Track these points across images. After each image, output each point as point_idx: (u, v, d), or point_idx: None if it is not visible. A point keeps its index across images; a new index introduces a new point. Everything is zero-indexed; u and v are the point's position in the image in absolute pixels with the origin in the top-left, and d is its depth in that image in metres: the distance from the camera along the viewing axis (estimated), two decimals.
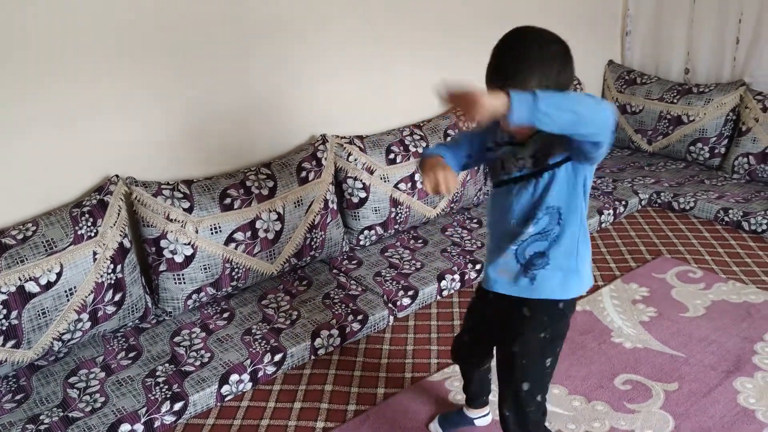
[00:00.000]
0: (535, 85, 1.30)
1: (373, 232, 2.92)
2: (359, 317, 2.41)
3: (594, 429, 1.98)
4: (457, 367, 2.24)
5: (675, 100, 3.85)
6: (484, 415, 2.01)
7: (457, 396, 2.13)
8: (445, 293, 2.67)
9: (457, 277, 2.70)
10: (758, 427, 1.95)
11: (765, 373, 2.18)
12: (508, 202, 1.50)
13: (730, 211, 3.23)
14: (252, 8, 2.58)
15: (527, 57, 1.32)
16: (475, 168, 3.23)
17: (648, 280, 2.78)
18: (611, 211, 3.29)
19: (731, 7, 3.74)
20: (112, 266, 2.23)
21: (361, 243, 2.93)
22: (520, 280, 1.52)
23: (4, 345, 2.03)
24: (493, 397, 2.01)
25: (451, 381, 2.19)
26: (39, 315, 2.07)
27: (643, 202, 3.50)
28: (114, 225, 2.26)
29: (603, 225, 3.27)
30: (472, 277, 2.74)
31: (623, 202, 3.37)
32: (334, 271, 2.74)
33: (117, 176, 2.37)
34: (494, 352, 1.76)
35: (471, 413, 2.00)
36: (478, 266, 2.76)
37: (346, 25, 2.89)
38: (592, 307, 2.59)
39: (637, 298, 2.65)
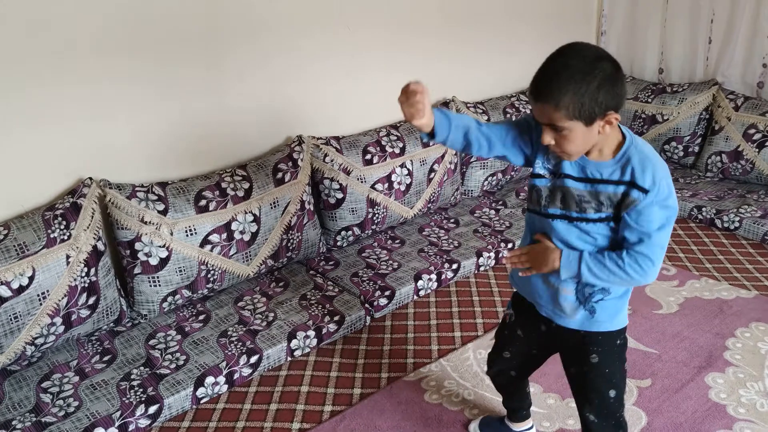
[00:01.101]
0: (568, 101, 1.29)
1: (350, 232, 2.92)
2: (336, 318, 2.41)
3: (568, 426, 2.00)
4: (433, 366, 2.27)
5: (649, 100, 3.90)
6: (527, 429, 1.95)
7: (433, 395, 2.14)
8: (422, 293, 2.68)
9: (434, 276, 2.71)
10: (729, 422, 1.98)
11: (736, 369, 2.22)
12: (569, 236, 1.46)
13: (704, 208, 3.28)
14: (227, 11, 2.57)
15: (563, 73, 1.29)
16: (452, 168, 3.24)
17: None
18: None
19: (703, 8, 3.79)
20: (85, 269, 2.21)
21: (339, 244, 2.93)
22: (578, 313, 1.52)
23: None
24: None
25: (427, 381, 2.20)
26: (11, 319, 2.05)
27: None
28: (88, 228, 2.24)
29: None
30: (449, 277, 2.76)
31: None
32: (311, 272, 2.74)
33: (90, 179, 2.35)
34: (538, 365, 1.78)
35: (514, 426, 1.95)
36: (454, 266, 2.77)
37: (322, 28, 2.89)
38: None
39: None
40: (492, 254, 2.90)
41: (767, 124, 3.44)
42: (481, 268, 2.88)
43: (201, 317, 2.44)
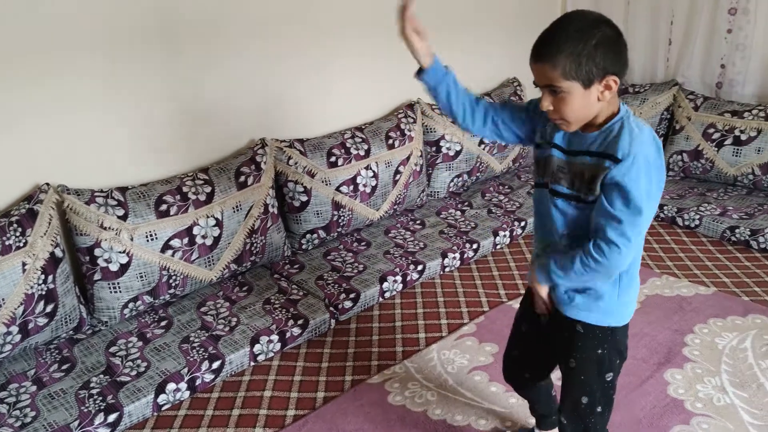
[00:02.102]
0: (564, 60, 1.28)
1: (315, 235, 2.91)
2: (300, 322, 2.40)
3: (530, 425, 2.01)
4: (397, 368, 2.27)
5: None
6: None
7: (397, 397, 2.14)
8: (387, 295, 2.69)
9: (399, 278, 2.71)
10: (686, 417, 2.02)
11: (694, 364, 2.26)
12: (551, 211, 1.47)
13: (665, 207, 3.33)
14: (187, 12, 2.55)
15: (561, 34, 1.30)
16: (418, 169, 3.25)
17: None
18: None
19: (662, 10, 3.86)
20: (42, 277, 2.17)
21: (304, 247, 2.92)
22: (561, 296, 1.51)
23: None
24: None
25: (391, 383, 2.20)
26: None
27: None
28: (44, 234, 2.20)
29: None
30: (414, 278, 2.76)
31: None
32: (276, 275, 2.73)
33: (47, 184, 2.31)
34: (551, 365, 1.74)
35: None
36: (419, 267, 2.78)
37: (286, 29, 2.88)
38: None
39: None
40: (457, 255, 2.91)
41: (726, 124, 3.51)
42: (447, 269, 2.89)
43: (163, 323, 2.41)
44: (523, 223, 3.20)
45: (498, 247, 3.09)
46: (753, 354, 2.30)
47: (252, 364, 2.29)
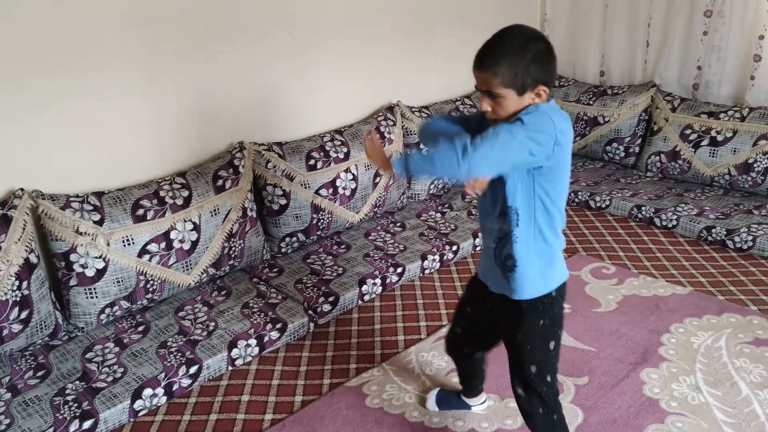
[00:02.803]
0: (504, 71, 1.45)
1: (294, 239, 2.91)
2: (278, 326, 2.40)
3: (506, 426, 2.02)
4: (375, 371, 2.27)
5: (591, 102, 3.98)
6: (481, 403, 2.08)
7: (374, 400, 2.14)
8: (366, 298, 2.69)
9: (378, 281, 2.72)
10: (661, 416, 2.03)
11: (669, 364, 2.28)
12: (490, 198, 1.60)
13: (643, 207, 3.36)
14: (165, 17, 2.54)
15: (502, 46, 1.47)
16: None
17: None
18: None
19: (640, 12, 3.90)
20: (17, 283, 2.16)
21: (283, 250, 2.91)
22: (500, 280, 1.63)
23: None
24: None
25: (369, 386, 2.20)
26: None
27: None
28: (19, 240, 2.19)
29: None
30: (393, 281, 2.77)
31: None
32: (255, 279, 2.72)
33: (22, 189, 2.29)
34: (488, 343, 1.86)
35: (469, 401, 2.07)
36: (399, 269, 2.78)
37: (266, 33, 2.88)
38: None
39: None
40: (437, 257, 2.92)
41: (702, 125, 3.54)
42: (426, 271, 2.90)
43: (140, 328, 2.40)
44: None
45: (478, 248, 3.11)
46: (727, 353, 2.32)
47: (230, 368, 2.29)
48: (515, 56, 1.45)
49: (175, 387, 2.15)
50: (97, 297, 2.35)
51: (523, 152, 1.44)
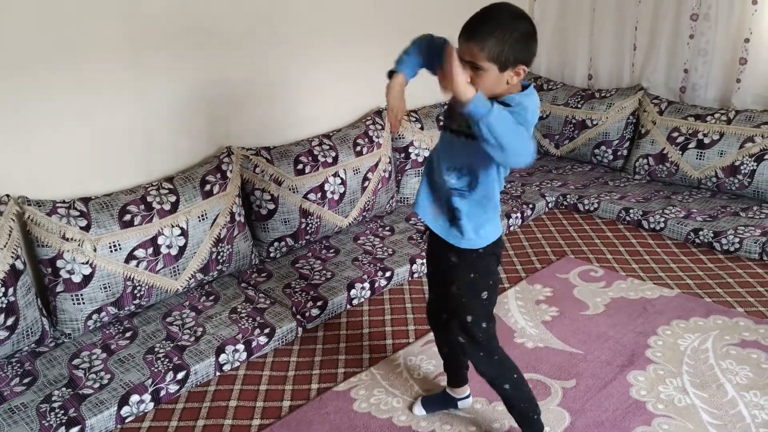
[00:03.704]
0: (491, 45, 1.50)
1: (283, 243, 2.91)
2: (266, 331, 2.39)
3: (494, 429, 2.03)
4: (363, 375, 2.27)
5: (579, 105, 4.00)
6: (465, 397, 2.11)
7: (362, 404, 2.14)
8: (355, 302, 2.69)
9: (367, 285, 2.72)
10: (648, 418, 2.04)
11: (656, 366, 2.29)
12: (448, 149, 1.71)
13: (631, 210, 3.37)
14: (153, 22, 2.54)
15: (491, 21, 1.52)
16: (387, 176, 3.26)
17: (552, 280, 2.87)
18: (519, 215, 3.38)
19: (627, 15, 3.92)
20: (3, 289, 2.14)
21: (272, 255, 2.91)
22: (449, 228, 1.74)
23: None
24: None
25: (357, 390, 2.20)
26: None
27: (550, 205, 3.62)
28: (5, 246, 2.18)
29: (511, 228, 3.36)
30: (382, 285, 2.77)
31: (530, 206, 3.47)
32: (243, 284, 2.72)
33: (8, 196, 2.28)
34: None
35: (453, 393, 2.10)
36: (387, 273, 2.79)
37: (252, 36, 2.88)
38: (496, 309, 2.64)
39: (541, 299, 2.73)
40: (426, 261, 2.92)
41: (689, 128, 3.57)
42: (415, 275, 2.90)
43: (128, 334, 2.39)
44: None
45: None
46: (714, 355, 2.33)
47: (217, 374, 2.28)
48: (504, 32, 1.50)
49: (163, 393, 2.15)
50: (84, 303, 2.34)
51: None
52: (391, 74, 1.79)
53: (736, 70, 3.57)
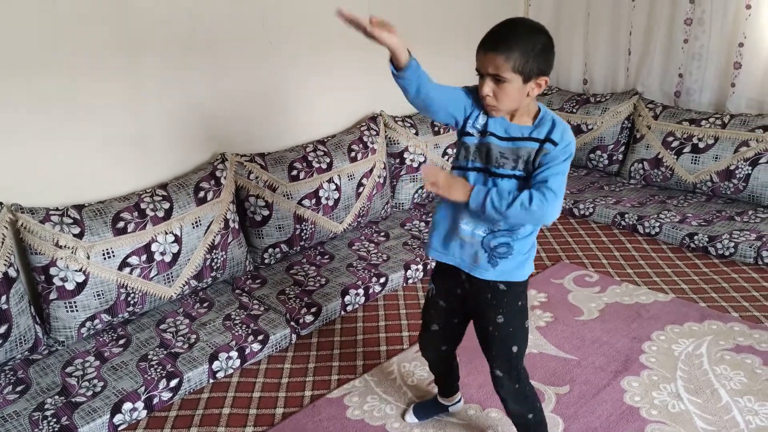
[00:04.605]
0: (516, 56, 1.52)
1: (277, 249, 2.91)
2: (260, 338, 2.39)
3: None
4: (356, 382, 2.27)
5: (574, 110, 4.00)
6: (457, 402, 2.12)
7: (355, 411, 2.14)
8: (349, 308, 2.69)
9: (361, 291, 2.71)
10: (641, 424, 2.04)
11: (650, 371, 2.28)
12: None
13: (626, 215, 3.38)
14: (146, 29, 2.54)
15: (514, 33, 1.54)
16: (381, 182, 3.26)
17: (546, 285, 2.87)
18: None
19: (622, 21, 3.93)
20: None
21: (266, 261, 2.91)
22: (485, 265, 1.69)
23: None
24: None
25: (350, 397, 2.20)
26: None
27: None
28: None
29: None
30: (376, 291, 2.77)
31: None
32: (237, 291, 2.72)
33: (1, 203, 2.28)
34: (461, 335, 1.93)
35: (446, 401, 2.11)
36: (382, 279, 2.78)
37: (246, 42, 2.88)
38: None
39: (536, 304, 2.73)
40: (420, 266, 2.92)
41: (684, 132, 3.57)
42: (410, 281, 2.90)
43: (121, 341, 2.39)
44: None
45: None
46: (708, 360, 2.33)
47: (211, 381, 2.28)
48: (527, 44, 1.52)
49: (156, 400, 2.14)
50: (77, 310, 2.33)
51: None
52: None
53: (731, 74, 3.58)
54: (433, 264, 1.90)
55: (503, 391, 1.81)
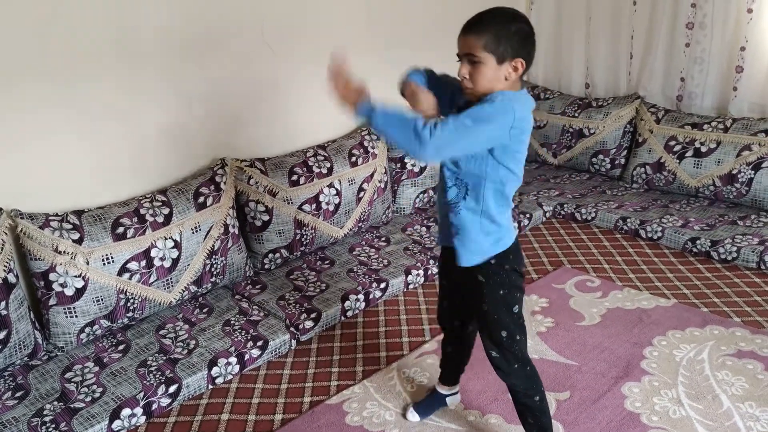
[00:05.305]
0: (489, 36, 1.56)
1: (278, 255, 2.90)
2: (259, 343, 2.38)
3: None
4: (356, 388, 2.26)
5: (576, 114, 3.99)
6: (454, 393, 2.16)
7: (354, 417, 2.13)
8: (349, 314, 2.68)
9: (361, 297, 2.71)
10: (642, 430, 2.03)
11: (651, 377, 2.27)
12: (444, 175, 1.73)
13: (628, 219, 3.36)
14: (144, 33, 2.55)
15: (489, 16, 1.60)
16: (382, 186, 3.26)
17: (548, 291, 2.86)
18: (516, 225, 3.37)
19: (623, 24, 3.92)
20: None
21: (266, 266, 2.91)
22: (460, 251, 1.73)
23: None
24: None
25: (349, 403, 2.19)
26: None
27: (547, 214, 3.61)
28: None
29: None
30: (376, 296, 2.76)
31: (528, 215, 3.46)
32: (237, 296, 2.71)
33: (0, 209, 2.28)
34: (467, 309, 1.95)
35: (444, 390, 2.14)
36: (382, 285, 2.78)
37: (245, 47, 2.88)
38: None
39: (537, 309, 2.72)
40: (421, 272, 2.92)
41: (686, 136, 3.56)
42: (410, 286, 2.89)
43: (121, 347, 2.39)
44: None
45: None
46: (709, 365, 2.32)
47: (210, 387, 2.27)
48: (501, 26, 1.57)
49: (154, 406, 2.14)
50: (76, 316, 2.33)
51: (480, 139, 1.58)
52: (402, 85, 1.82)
53: (733, 78, 3.56)
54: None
55: (502, 372, 1.85)
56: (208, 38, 2.75)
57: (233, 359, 2.31)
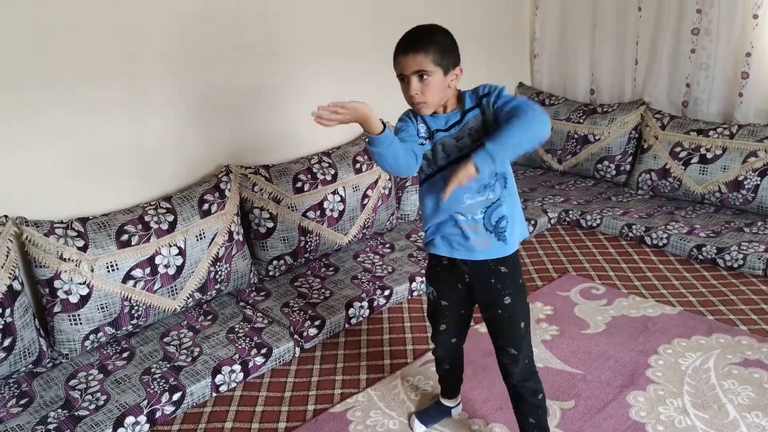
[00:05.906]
0: (434, 50, 1.65)
1: (282, 262, 2.90)
2: (263, 351, 2.38)
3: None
4: (360, 396, 2.26)
5: (581, 120, 3.99)
6: (458, 404, 2.17)
7: (358, 426, 2.12)
8: (353, 321, 2.67)
9: (365, 304, 2.70)
10: None
11: (657, 386, 2.26)
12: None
13: (634, 226, 3.35)
14: (146, 41, 2.55)
15: (428, 33, 1.69)
16: (387, 193, 3.26)
17: (552, 298, 2.85)
18: None
19: (629, 30, 3.92)
20: (0, 310, 2.15)
21: (270, 273, 2.91)
22: (494, 244, 1.77)
23: None
24: None
25: (353, 411, 2.19)
26: None
27: (552, 221, 3.60)
28: (2, 267, 2.19)
29: None
30: (380, 304, 2.76)
31: (533, 222, 3.45)
32: (241, 303, 2.71)
33: (6, 216, 2.29)
34: (468, 325, 2.02)
35: (448, 402, 2.15)
36: (386, 292, 2.77)
37: (250, 54, 2.89)
38: None
39: (541, 317, 2.71)
40: (425, 278, 2.90)
41: (692, 143, 3.54)
42: (414, 293, 2.89)
43: (125, 354, 2.39)
44: None
45: None
46: (715, 374, 2.30)
47: (214, 394, 2.27)
48: (439, 41, 1.68)
49: (158, 414, 2.14)
50: (81, 323, 2.34)
51: None
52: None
53: (738, 84, 3.55)
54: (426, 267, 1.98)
55: (518, 368, 1.85)
56: (213, 45, 2.75)
57: (237, 367, 2.31)
